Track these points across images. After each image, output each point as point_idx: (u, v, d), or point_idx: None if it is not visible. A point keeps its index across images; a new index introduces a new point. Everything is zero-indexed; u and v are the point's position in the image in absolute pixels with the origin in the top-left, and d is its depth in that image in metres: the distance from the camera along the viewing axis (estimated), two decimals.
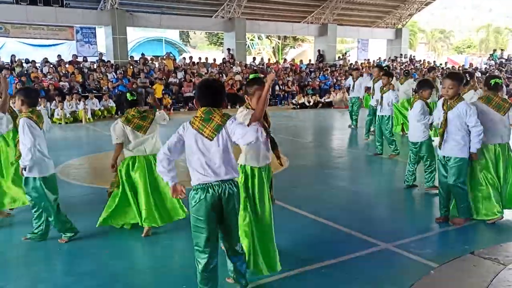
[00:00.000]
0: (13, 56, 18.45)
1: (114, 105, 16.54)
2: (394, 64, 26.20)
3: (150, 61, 21.07)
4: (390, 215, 5.40)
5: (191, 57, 22.93)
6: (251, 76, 3.52)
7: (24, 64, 17.87)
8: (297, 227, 4.95)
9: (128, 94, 4.70)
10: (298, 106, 19.66)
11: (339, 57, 28.35)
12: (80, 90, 16.78)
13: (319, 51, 26.91)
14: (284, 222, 4.91)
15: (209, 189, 3.01)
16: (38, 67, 17.89)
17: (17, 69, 17.12)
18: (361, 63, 26.71)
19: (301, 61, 26.98)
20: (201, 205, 3.01)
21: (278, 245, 3.70)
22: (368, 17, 28.85)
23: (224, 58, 23.75)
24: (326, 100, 20.37)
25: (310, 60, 26.74)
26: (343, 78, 22.36)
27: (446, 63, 29.71)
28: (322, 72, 23.94)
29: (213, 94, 3.08)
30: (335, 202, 5.96)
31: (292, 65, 24.88)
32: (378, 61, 27.73)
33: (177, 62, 22.30)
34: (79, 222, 4.65)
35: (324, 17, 26.35)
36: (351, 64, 26.57)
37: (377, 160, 8.73)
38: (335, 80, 23.02)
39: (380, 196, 6.30)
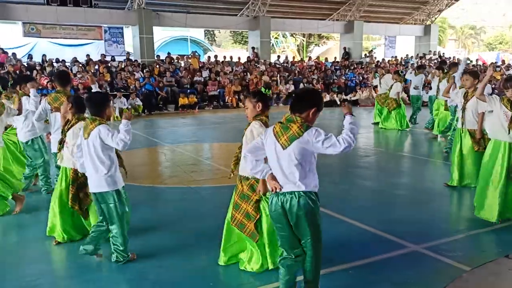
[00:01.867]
0: (44, 56, 18.96)
1: (141, 103, 16.78)
2: (423, 61, 25.65)
3: (175, 60, 21.28)
4: (419, 216, 5.26)
5: (216, 56, 23.04)
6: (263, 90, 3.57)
7: (55, 64, 18.33)
8: (323, 226, 4.88)
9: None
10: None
11: (365, 54, 27.95)
12: (108, 89, 17.09)
13: (344, 48, 26.60)
14: None
15: (279, 196, 3.03)
16: (68, 66, 18.31)
17: (48, 69, 17.57)
18: (388, 61, 26.27)
19: (326, 58, 26.73)
20: (270, 210, 3.14)
21: None
22: (396, 14, 28.31)
23: (248, 57, 23.76)
24: (352, 98, 20.12)
25: (335, 58, 26.46)
26: (369, 76, 22.03)
27: (477, 60, 28.85)
28: (348, 70, 23.66)
29: (293, 99, 3.10)
30: (362, 201, 5.86)
31: (317, 63, 24.67)
32: (405, 58, 27.21)
33: (202, 61, 22.44)
34: None
35: (350, 14, 26.02)
36: (377, 61, 26.16)
37: (404, 160, 8.55)
38: (361, 78, 22.72)
39: (409, 197, 6.16)
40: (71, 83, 15.04)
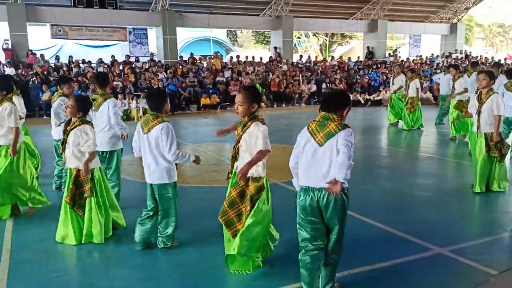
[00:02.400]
0: (70, 57, 19.40)
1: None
2: (449, 60, 25.12)
3: (198, 61, 21.44)
4: (445, 218, 5.14)
5: (238, 56, 23.12)
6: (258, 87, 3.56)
7: (81, 65, 18.73)
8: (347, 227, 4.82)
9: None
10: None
11: (389, 53, 27.57)
12: (132, 89, 17.35)
13: (368, 48, 26.29)
14: None
15: (310, 192, 3.15)
16: (93, 67, 18.68)
17: (74, 70, 17.96)
18: (413, 60, 25.83)
19: (349, 58, 26.49)
20: (300, 206, 3.22)
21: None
22: (421, 12, 27.82)
23: (270, 57, 23.75)
24: (375, 98, 19.86)
25: (358, 57, 26.19)
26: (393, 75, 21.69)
27: (505, 59, 28.08)
28: (371, 70, 23.37)
29: (327, 99, 3.21)
30: (385, 203, 5.78)
31: (340, 63, 24.47)
32: (431, 57, 26.69)
33: (224, 61, 22.55)
34: (130, 216, 4.77)
35: (374, 13, 25.71)
36: (402, 60, 25.77)
37: (428, 160, 8.38)
38: (384, 78, 22.41)
39: (433, 198, 6.03)
40: (110, 85, 15.33)
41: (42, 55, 18.88)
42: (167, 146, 3.99)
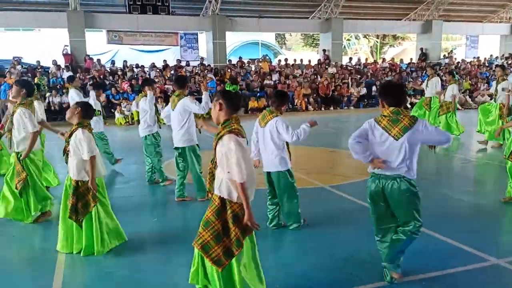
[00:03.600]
0: (125, 61, 20.18)
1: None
2: (509, 61, 23.77)
3: (246, 64, 21.62)
4: (502, 228, 4.86)
5: (286, 59, 23.08)
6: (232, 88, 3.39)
7: (135, 69, 19.43)
8: None
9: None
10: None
11: (444, 55, 26.49)
12: None
13: (421, 49, 25.41)
14: None
15: (378, 179, 3.43)
16: (146, 71, 19.34)
17: (129, 74, 18.67)
18: (470, 62, 24.68)
19: (401, 60, 25.72)
20: (370, 191, 3.51)
21: (377, 253, 3.66)
22: (479, 12, 26.50)
23: (319, 59, 23.53)
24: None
25: (411, 59, 25.37)
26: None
27: None
28: (424, 72, 22.55)
29: (399, 94, 3.42)
30: (438, 210, 5.52)
31: (391, 65, 23.82)
32: (489, 59, 25.38)
33: (272, 64, 22.60)
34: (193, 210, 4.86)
35: (429, 13, 24.81)
36: (458, 62, 24.69)
37: (484, 167, 7.95)
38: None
39: (489, 206, 5.70)
40: (160, 87, 15.86)
41: (98, 60, 19.77)
42: (285, 132, 4.53)
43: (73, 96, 8.06)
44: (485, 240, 4.45)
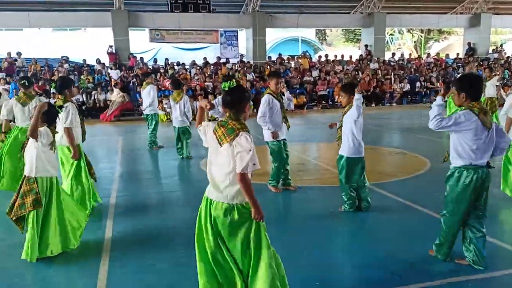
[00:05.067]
0: (166, 59, 20.59)
1: (251, 103, 17.28)
2: None
3: (286, 61, 21.51)
4: None
5: (326, 55, 22.79)
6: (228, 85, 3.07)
7: (175, 67, 19.78)
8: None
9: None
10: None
11: (493, 49, 25.31)
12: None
13: (469, 43, 24.39)
14: (425, 229, 4.56)
15: (479, 170, 3.55)
16: (187, 69, 19.65)
17: (170, 71, 19.03)
18: None
19: (447, 55, 24.83)
20: (469, 183, 3.59)
21: (419, 253, 3.62)
22: None
23: (361, 55, 23.07)
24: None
25: (457, 54, 24.42)
26: (498, 73, 19.89)
27: None
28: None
29: (481, 87, 3.67)
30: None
31: (436, 60, 23.02)
32: None
33: (312, 60, 22.38)
34: None
35: (477, 6, 23.78)
36: (508, 57, 23.52)
37: None
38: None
39: None
40: (191, 82, 16.24)
41: (141, 58, 20.27)
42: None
43: (150, 92, 9.64)
44: None
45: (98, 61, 19.09)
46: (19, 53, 19.19)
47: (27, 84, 6.55)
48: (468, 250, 3.69)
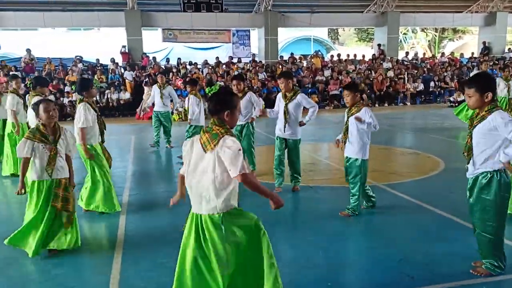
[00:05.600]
0: (179, 59, 20.68)
1: (263, 102, 17.26)
2: None
3: (298, 60, 21.45)
4: None
5: (339, 55, 22.67)
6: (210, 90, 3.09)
7: (188, 66, 19.86)
8: (454, 236, 4.45)
9: None
10: (456, 104, 17.86)
11: (509, 48, 24.92)
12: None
13: (484, 43, 24.05)
14: (438, 229, 4.50)
15: None
16: (199, 68, 19.71)
17: (182, 71, 19.11)
18: None
19: (461, 54, 24.51)
20: None
21: (433, 254, 3.56)
22: None
23: (374, 54, 22.90)
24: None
25: (472, 53, 24.10)
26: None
27: None
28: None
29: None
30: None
31: (450, 59, 22.75)
32: None
33: (325, 60, 22.28)
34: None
35: (493, 4, 23.43)
36: None
37: None
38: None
39: None
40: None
41: (154, 58, 20.39)
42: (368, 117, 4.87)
43: (172, 93, 10.07)
44: None
45: (113, 61, 19.25)
46: (28, 50, 19.18)
47: (32, 84, 7.12)
48: None
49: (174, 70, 19.13)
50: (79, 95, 5.38)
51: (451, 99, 18.36)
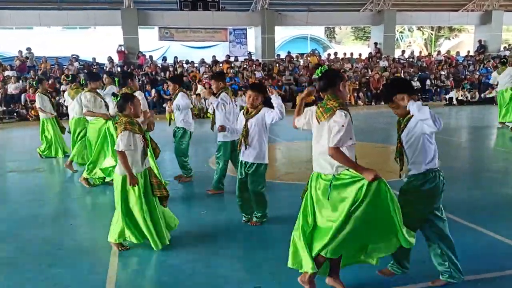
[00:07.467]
0: (175, 57, 20.65)
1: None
2: None
3: (295, 59, 21.46)
4: None
5: (335, 53, 22.70)
6: None
7: (184, 65, 19.84)
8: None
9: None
10: (452, 102, 17.94)
11: (504, 47, 25.01)
12: (230, 88, 17.93)
13: (480, 41, 24.14)
14: None
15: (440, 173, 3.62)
16: (196, 67, 19.69)
17: (179, 70, 19.08)
18: None
19: (457, 52, 24.60)
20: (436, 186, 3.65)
21: (426, 253, 3.46)
22: None
23: (370, 53, 22.95)
24: (487, 96, 18.18)
25: (468, 52, 24.18)
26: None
27: None
28: (483, 65, 21.42)
29: None
30: (496, 209, 5.22)
31: (446, 58, 22.82)
32: None
33: (321, 58, 22.30)
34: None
35: (488, 3, 23.50)
36: None
37: None
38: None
39: None
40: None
41: (151, 57, 20.36)
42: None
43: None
44: None
45: (110, 59, 19.20)
46: (29, 49, 19.23)
47: (84, 80, 7.54)
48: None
49: (171, 69, 19.11)
50: (125, 86, 5.75)
51: (447, 97, 18.44)
